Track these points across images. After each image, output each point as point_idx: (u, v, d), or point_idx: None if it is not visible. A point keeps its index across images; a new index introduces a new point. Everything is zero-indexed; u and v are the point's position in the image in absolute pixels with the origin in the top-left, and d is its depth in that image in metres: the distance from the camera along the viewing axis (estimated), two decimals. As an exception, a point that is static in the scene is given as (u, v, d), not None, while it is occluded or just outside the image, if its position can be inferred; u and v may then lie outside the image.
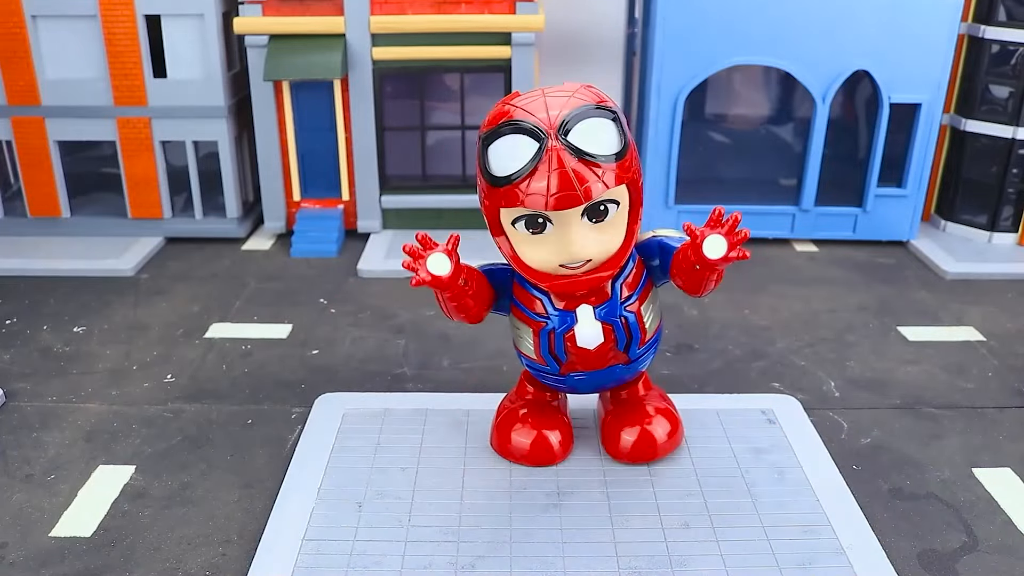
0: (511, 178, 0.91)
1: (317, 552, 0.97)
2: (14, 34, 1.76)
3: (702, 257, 0.92)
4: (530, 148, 0.91)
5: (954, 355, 1.44)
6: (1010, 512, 1.06)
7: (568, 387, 1.10)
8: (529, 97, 0.95)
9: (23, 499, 1.08)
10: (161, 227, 1.90)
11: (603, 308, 1.00)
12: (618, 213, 0.95)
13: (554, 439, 1.11)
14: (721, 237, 0.91)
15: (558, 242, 0.94)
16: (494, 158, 0.93)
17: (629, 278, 1.01)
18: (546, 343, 1.02)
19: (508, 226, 0.97)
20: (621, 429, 1.11)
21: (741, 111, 2.09)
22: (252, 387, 1.33)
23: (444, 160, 1.94)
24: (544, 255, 0.96)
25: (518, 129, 0.91)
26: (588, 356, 1.02)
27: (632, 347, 1.03)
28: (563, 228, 0.93)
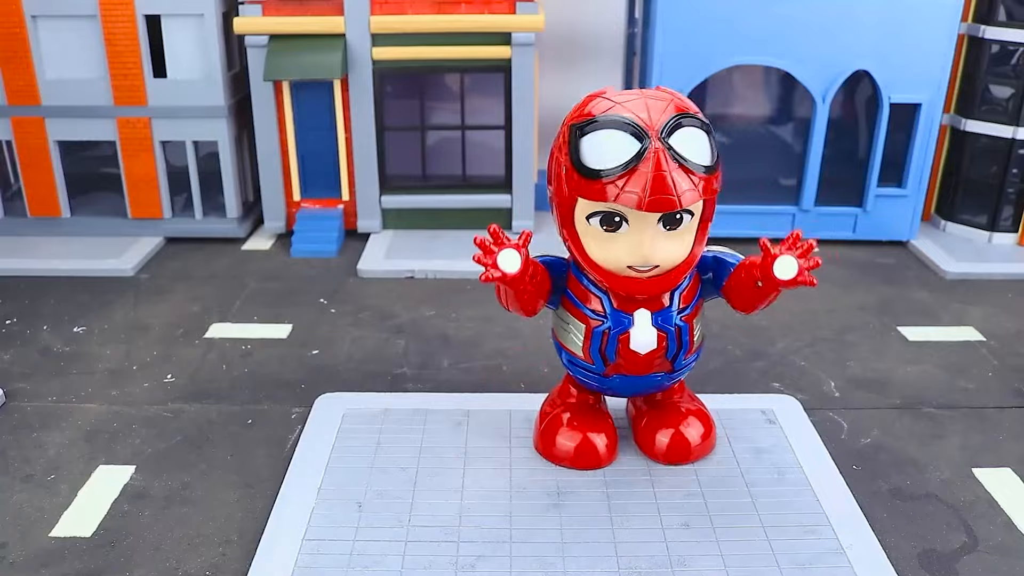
0: (605, 172, 0.91)
1: (317, 552, 0.97)
2: (14, 34, 1.76)
3: (770, 275, 0.93)
4: (630, 146, 0.90)
5: (954, 355, 1.44)
6: (1010, 512, 1.06)
7: (605, 388, 1.09)
8: (627, 96, 0.95)
9: (23, 499, 1.07)
10: (161, 227, 1.90)
11: (660, 315, 1.00)
12: (690, 223, 0.96)
13: (600, 442, 1.10)
14: (794, 259, 0.92)
15: (630, 243, 0.95)
16: (589, 150, 0.92)
17: (686, 290, 1.02)
18: (598, 342, 1.02)
19: (581, 220, 0.96)
20: (656, 431, 1.11)
21: (741, 111, 2.09)
22: (252, 387, 1.33)
23: (444, 160, 1.94)
24: (614, 254, 0.96)
25: (620, 125, 0.91)
26: (637, 360, 1.02)
27: (679, 357, 1.03)
28: (638, 230, 0.94)
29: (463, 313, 1.57)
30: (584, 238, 0.97)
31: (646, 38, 1.85)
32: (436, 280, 1.72)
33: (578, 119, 0.94)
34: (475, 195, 1.92)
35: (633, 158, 0.90)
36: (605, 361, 1.03)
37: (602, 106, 0.94)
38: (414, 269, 1.74)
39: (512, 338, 1.48)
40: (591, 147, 0.92)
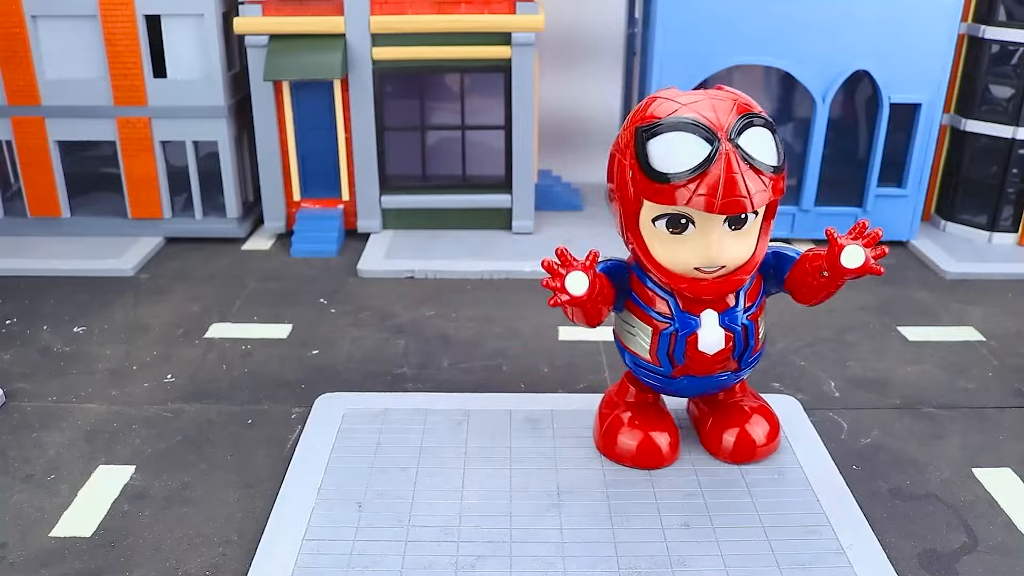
0: (675, 176, 0.91)
1: (317, 552, 0.97)
2: (14, 34, 1.76)
3: (837, 264, 0.93)
4: (700, 148, 0.90)
5: (954, 355, 1.44)
6: (1010, 512, 1.06)
7: (669, 390, 1.09)
8: (691, 97, 0.94)
9: (23, 499, 1.07)
10: (161, 227, 1.90)
11: (727, 315, 1.00)
12: (754, 223, 0.96)
13: (663, 441, 1.10)
14: (861, 248, 0.93)
15: (697, 245, 0.95)
16: (657, 152, 0.92)
17: (751, 288, 1.02)
18: (665, 344, 1.02)
19: (646, 222, 0.96)
20: (723, 431, 1.11)
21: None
22: (252, 387, 1.33)
23: (444, 160, 1.94)
24: (681, 256, 0.96)
25: (689, 127, 0.90)
26: (705, 361, 1.02)
27: (745, 356, 1.03)
28: (705, 231, 0.94)
29: (463, 313, 1.57)
30: (649, 240, 0.97)
31: (646, 38, 1.85)
32: (436, 280, 1.72)
33: (643, 121, 0.93)
34: (475, 195, 1.92)
35: (704, 161, 0.89)
36: (673, 363, 1.03)
37: (667, 107, 0.93)
38: (414, 269, 1.74)
39: (512, 338, 1.48)
40: (659, 150, 0.92)
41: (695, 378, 1.04)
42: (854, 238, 0.94)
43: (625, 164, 0.95)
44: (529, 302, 1.61)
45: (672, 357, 1.02)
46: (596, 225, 1.97)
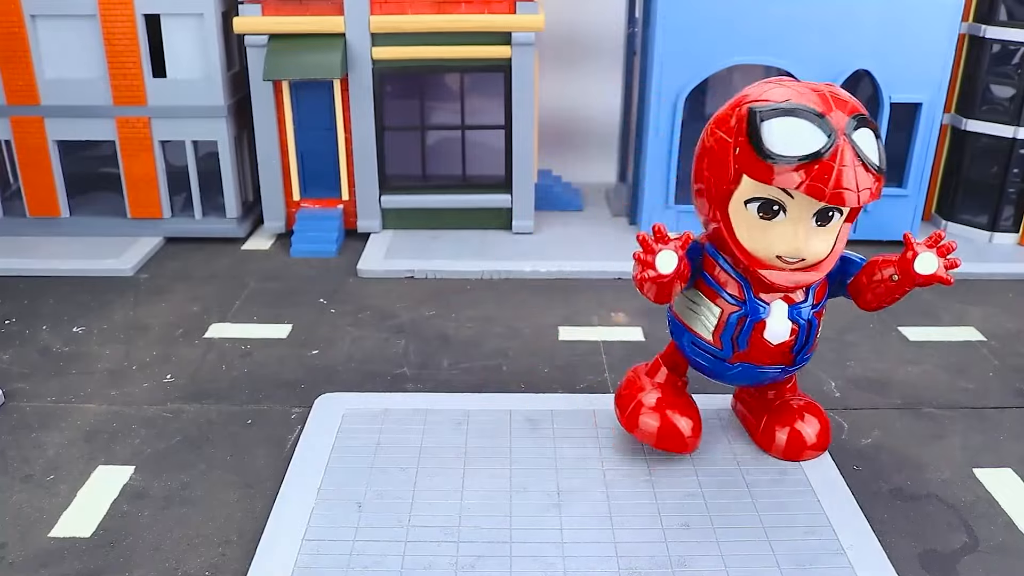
0: (785, 159, 0.91)
1: (317, 552, 0.97)
2: (14, 34, 1.76)
3: (909, 269, 0.96)
4: (816, 137, 0.91)
5: (955, 355, 1.44)
6: (1011, 512, 1.06)
7: (722, 376, 1.09)
8: (808, 87, 0.95)
9: (23, 499, 1.07)
10: (161, 227, 1.90)
11: (796, 308, 1.02)
12: (837, 221, 0.98)
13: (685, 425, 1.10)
14: (935, 256, 0.95)
15: (784, 234, 0.96)
16: (772, 134, 0.92)
17: (820, 286, 1.03)
18: (732, 328, 1.02)
19: (738, 203, 0.97)
20: (775, 428, 1.12)
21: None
22: (252, 387, 1.33)
23: (444, 160, 1.94)
24: (766, 242, 0.97)
25: (809, 115, 0.92)
26: (767, 350, 1.03)
27: (803, 351, 1.04)
28: (794, 221, 0.95)
29: (463, 313, 1.57)
30: (736, 222, 0.98)
31: (646, 38, 1.85)
32: (436, 280, 1.72)
33: (757, 102, 0.94)
34: (475, 195, 1.92)
35: (821, 149, 0.90)
36: (735, 347, 1.04)
37: (781, 93, 0.95)
38: (414, 269, 1.73)
39: (512, 338, 1.48)
40: (775, 131, 0.92)
41: (749, 367, 1.05)
42: (930, 246, 0.96)
43: (728, 142, 0.96)
44: (529, 302, 1.61)
45: (736, 341, 1.03)
46: (596, 225, 1.97)
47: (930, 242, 0.97)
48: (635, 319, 1.55)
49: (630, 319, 1.55)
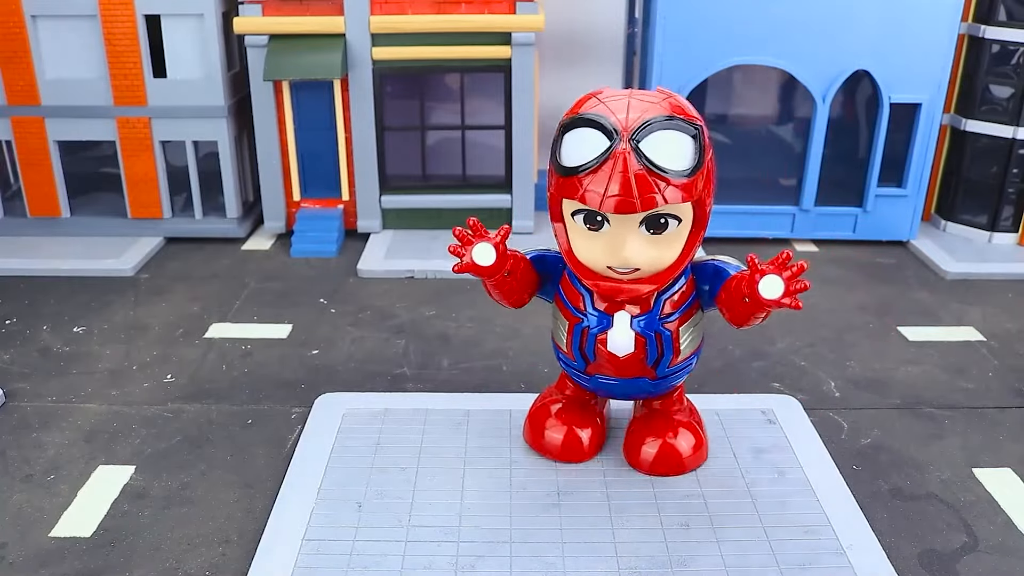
0: (575, 170, 0.91)
1: (317, 552, 0.97)
2: (14, 34, 1.76)
3: (755, 293, 0.90)
4: (601, 145, 0.90)
5: (954, 355, 1.44)
6: (1010, 512, 1.06)
7: (594, 388, 1.09)
8: (616, 95, 0.94)
9: (23, 499, 1.07)
10: (161, 227, 1.90)
11: (641, 319, 1.00)
12: (679, 229, 0.94)
13: (584, 436, 1.11)
14: (780, 280, 0.89)
15: (611, 244, 0.94)
16: (566, 147, 0.93)
17: (676, 296, 1.00)
18: (578, 340, 1.02)
19: (568, 216, 0.97)
20: (643, 440, 1.10)
21: (741, 111, 2.09)
22: (252, 387, 1.33)
23: (444, 160, 1.94)
24: (595, 253, 0.96)
25: (593, 124, 0.91)
26: (615, 362, 1.02)
27: (661, 364, 1.02)
28: (619, 231, 0.93)
29: (463, 313, 1.57)
30: (571, 234, 0.98)
31: (646, 38, 1.85)
32: (436, 280, 1.72)
33: (565, 116, 0.95)
34: (475, 195, 1.92)
35: (598, 157, 0.90)
36: (586, 359, 1.03)
37: (589, 104, 0.94)
38: (414, 269, 1.74)
39: (512, 338, 1.48)
40: (569, 145, 0.93)
41: (610, 379, 1.04)
42: (776, 268, 0.89)
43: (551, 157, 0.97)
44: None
45: (584, 354, 1.03)
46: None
47: (777, 264, 0.89)
48: (635, 319, 1.55)
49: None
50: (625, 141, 0.89)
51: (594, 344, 1.01)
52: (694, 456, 1.10)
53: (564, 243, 0.99)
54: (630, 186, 0.89)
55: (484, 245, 0.95)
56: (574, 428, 1.11)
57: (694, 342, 1.04)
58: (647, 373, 1.03)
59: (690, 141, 0.91)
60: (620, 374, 1.03)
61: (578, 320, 1.02)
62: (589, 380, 1.07)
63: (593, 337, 1.01)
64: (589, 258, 0.96)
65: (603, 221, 0.93)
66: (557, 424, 1.11)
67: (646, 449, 1.09)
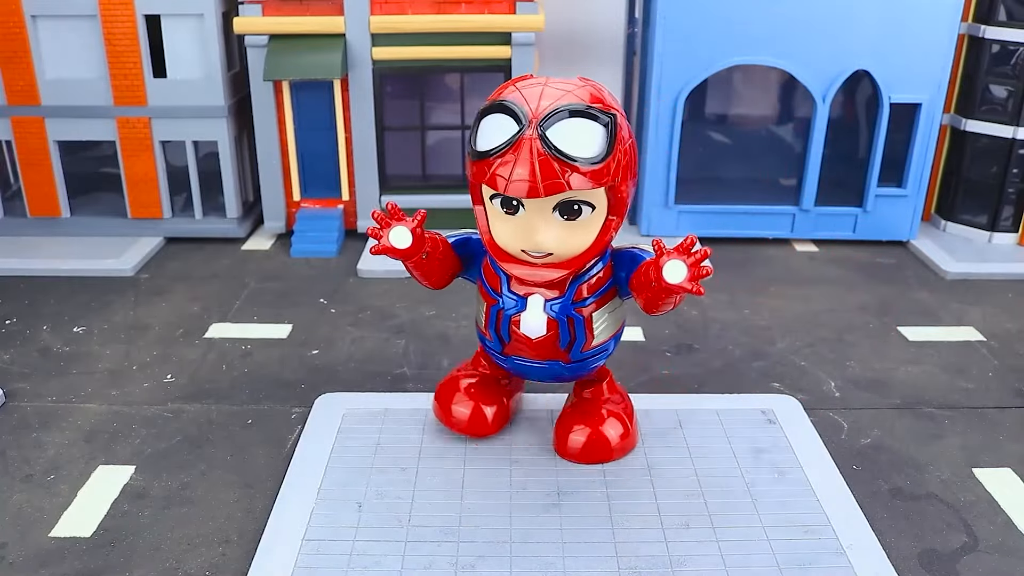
0: (485, 154, 0.93)
1: (317, 552, 0.97)
2: (14, 34, 1.76)
3: (660, 278, 0.91)
4: (510, 130, 0.92)
5: (954, 355, 1.44)
6: (1010, 512, 1.06)
7: (512, 369, 1.11)
8: (533, 83, 0.96)
9: (23, 499, 1.07)
10: (161, 227, 1.90)
11: (555, 303, 1.02)
12: (592, 216, 0.97)
13: (489, 412, 1.14)
14: (683, 264, 0.90)
15: (525, 228, 0.97)
16: (481, 132, 0.95)
17: (592, 280, 1.02)
18: (494, 321, 1.05)
19: (487, 200, 1.00)
20: (571, 428, 1.11)
21: (741, 111, 2.09)
22: (252, 387, 1.33)
23: (444, 160, 1.94)
24: (510, 237, 0.99)
25: (505, 109, 0.93)
26: (528, 344, 1.04)
27: (574, 348, 1.04)
28: (533, 216, 0.96)
29: (463, 313, 1.57)
30: (490, 217, 1.01)
31: (646, 38, 1.85)
32: (436, 280, 1.72)
33: (488, 101, 0.96)
34: (475, 195, 1.92)
35: (506, 143, 0.92)
36: (501, 340, 1.06)
37: (507, 91, 0.96)
38: (414, 269, 1.73)
39: (512, 338, 1.48)
40: (483, 130, 0.95)
41: (528, 361, 1.07)
42: (680, 252, 0.90)
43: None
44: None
45: (500, 334, 1.06)
46: (596, 225, 1.97)
47: (681, 248, 0.90)
48: (635, 319, 1.55)
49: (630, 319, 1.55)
50: (533, 128, 0.91)
51: (508, 326, 1.04)
52: (621, 444, 1.12)
53: (483, 226, 1.02)
54: (534, 171, 0.91)
55: (400, 228, 0.98)
56: (480, 404, 1.14)
57: (610, 328, 1.06)
58: (561, 356, 1.05)
59: (600, 130, 0.92)
60: (534, 356, 1.06)
61: (494, 302, 1.05)
62: (507, 361, 1.09)
63: (508, 319, 1.03)
64: (505, 241, 0.99)
65: (518, 206, 0.96)
66: (465, 399, 1.14)
67: (574, 437, 1.11)
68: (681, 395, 1.29)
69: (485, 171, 0.94)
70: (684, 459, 1.13)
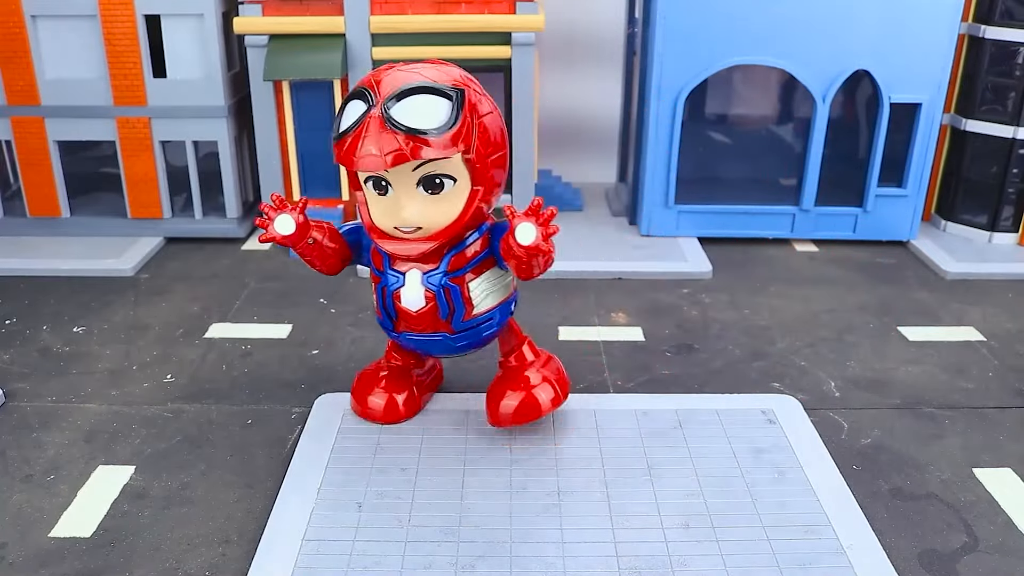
0: (340, 135, 1.00)
1: (317, 552, 0.97)
2: (14, 34, 1.76)
3: (515, 241, 0.97)
4: (358, 112, 0.99)
5: (954, 355, 1.44)
6: (1010, 512, 1.06)
7: (407, 345, 1.15)
8: (389, 70, 1.03)
9: (23, 499, 1.07)
10: (161, 227, 1.90)
11: (431, 275, 1.07)
12: (455, 188, 1.03)
13: (400, 399, 1.19)
14: (532, 225, 0.96)
15: (393, 205, 1.03)
16: (342, 118, 1.01)
17: (467, 251, 1.07)
18: (381, 299, 1.10)
19: (362, 182, 1.06)
20: (502, 396, 1.15)
21: (741, 111, 2.09)
22: (252, 387, 1.33)
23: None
24: (381, 214, 1.05)
25: (358, 95, 1.00)
26: (411, 318, 1.09)
27: (455, 318, 1.09)
28: (399, 193, 1.03)
29: (463, 313, 1.57)
30: (368, 199, 1.06)
31: (646, 38, 1.85)
32: (436, 280, 1.71)
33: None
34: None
35: (355, 123, 0.98)
36: (390, 317, 1.11)
37: (364, 78, 1.03)
38: (414, 269, 1.73)
39: (512, 338, 1.48)
40: (344, 116, 1.01)
41: (420, 336, 1.11)
42: (528, 215, 0.97)
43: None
44: (529, 302, 1.61)
45: (387, 311, 1.11)
46: (596, 225, 1.97)
47: (529, 211, 0.97)
48: (635, 319, 1.55)
49: (630, 319, 1.55)
50: (378, 107, 0.97)
51: (393, 302, 1.09)
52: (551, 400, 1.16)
53: (363, 210, 1.07)
54: (378, 144, 0.97)
55: (284, 216, 1.05)
56: (392, 393, 1.19)
57: (492, 297, 1.11)
58: (444, 327, 1.09)
59: (445, 103, 0.99)
60: (420, 329, 1.10)
61: (378, 280, 1.10)
62: (400, 337, 1.13)
63: (391, 295, 1.08)
64: (379, 220, 1.05)
65: (387, 185, 1.02)
66: (380, 391, 1.19)
67: (505, 403, 1.14)
68: (681, 395, 1.29)
69: (339, 150, 1.00)
70: (684, 459, 1.13)
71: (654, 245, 1.86)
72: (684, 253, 1.81)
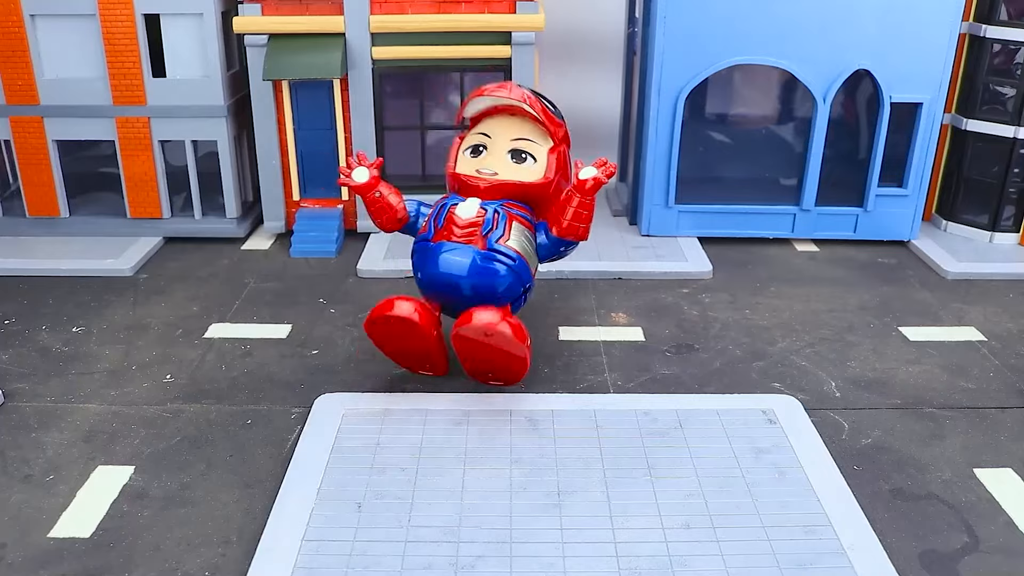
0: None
1: (317, 552, 0.97)
2: (13, 33, 1.76)
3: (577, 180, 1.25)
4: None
5: (955, 355, 1.44)
6: (1011, 512, 1.06)
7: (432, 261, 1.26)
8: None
9: (22, 499, 1.07)
10: (160, 227, 1.90)
11: (488, 203, 1.28)
12: (533, 167, 1.31)
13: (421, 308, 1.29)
14: (594, 168, 1.26)
15: (483, 160, 1.32)
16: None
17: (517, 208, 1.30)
18: (436, 211, 1.30)
19: (461, 152, 1.35)
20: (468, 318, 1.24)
21: (741, 111, 2.08)
22: (252, 387, 1.33)
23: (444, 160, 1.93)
24: (469, 165, 1.33)
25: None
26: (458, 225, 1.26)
27: (491, 237, 1.25)
28: (491, 154, 1.32)
29: (463, 313, 1.57)
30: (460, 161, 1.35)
31: (646, 38, 1.85)
32: (436, 280, 1.71)
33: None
34: (475, 195, 1.91)
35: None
36: (435, 227, 1.28)
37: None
38: (414, 269, 1.73)
39: (512, 338, 1.48)
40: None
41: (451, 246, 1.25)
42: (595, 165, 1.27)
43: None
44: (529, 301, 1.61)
45: (436, 223, 1.28)
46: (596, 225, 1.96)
47: (596, 164, 1.26)
48: (635, 319, 1.54)
49: (630, 319, 1.55)
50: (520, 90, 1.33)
51: (447, 213, 1.28)
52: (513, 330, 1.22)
53: (451, 165, 1.35)
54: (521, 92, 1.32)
55: (362, 169, 1.30)
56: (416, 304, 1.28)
57: (521, 246, 1.27)
58: (478, 242, 1.25)
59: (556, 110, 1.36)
60: (460, 236, 1.25)
61: (441, 202, 1.30)
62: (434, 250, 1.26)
63: (447, 208, 1.28)
64: (464, 169, 1.33)
65: (483, 149, 1.33)
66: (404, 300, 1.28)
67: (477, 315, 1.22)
68: (681, 395, 1.29)
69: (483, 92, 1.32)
70: (684, 459, 1.13)
71: (654, 245, 1.85)
72: (684, 253, 1.81)
